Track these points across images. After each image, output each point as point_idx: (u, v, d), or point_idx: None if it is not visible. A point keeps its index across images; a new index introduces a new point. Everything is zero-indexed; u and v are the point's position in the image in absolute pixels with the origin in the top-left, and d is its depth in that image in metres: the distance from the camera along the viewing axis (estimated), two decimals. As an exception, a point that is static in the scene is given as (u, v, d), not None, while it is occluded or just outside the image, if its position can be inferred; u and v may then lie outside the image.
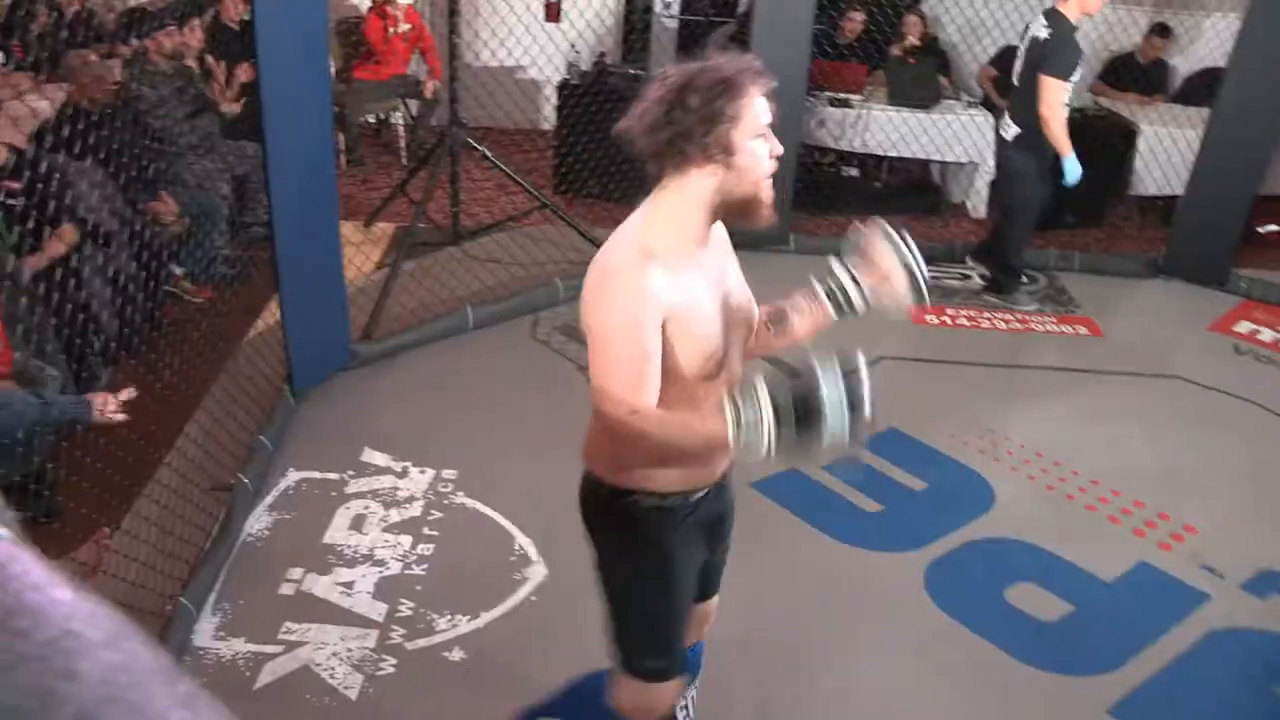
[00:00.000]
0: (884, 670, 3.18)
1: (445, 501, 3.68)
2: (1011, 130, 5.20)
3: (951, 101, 6.58)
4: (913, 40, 7.00)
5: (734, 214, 1.97)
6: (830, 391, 1.71)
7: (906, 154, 6.45)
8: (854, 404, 1.72)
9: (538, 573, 3.40)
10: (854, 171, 6.69)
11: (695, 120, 1.84)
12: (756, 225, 1.98)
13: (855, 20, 6.93)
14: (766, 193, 1.94)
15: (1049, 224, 6.45)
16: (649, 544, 2.13)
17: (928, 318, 5.37)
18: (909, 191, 6.82)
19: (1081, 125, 6.46)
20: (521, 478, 3.83)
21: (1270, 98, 5.63)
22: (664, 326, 1.88)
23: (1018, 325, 5.45)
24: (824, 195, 6.34)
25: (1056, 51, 4.94)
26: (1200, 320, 5.72)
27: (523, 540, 3.53)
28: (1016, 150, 5.22)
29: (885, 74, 6.64)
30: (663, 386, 1.90)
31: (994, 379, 4.92)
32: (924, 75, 6.57)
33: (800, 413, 1.74)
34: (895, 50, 6.91)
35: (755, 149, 1.89)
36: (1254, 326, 5.73)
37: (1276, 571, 3.78)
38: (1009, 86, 5.44)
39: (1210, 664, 3.35)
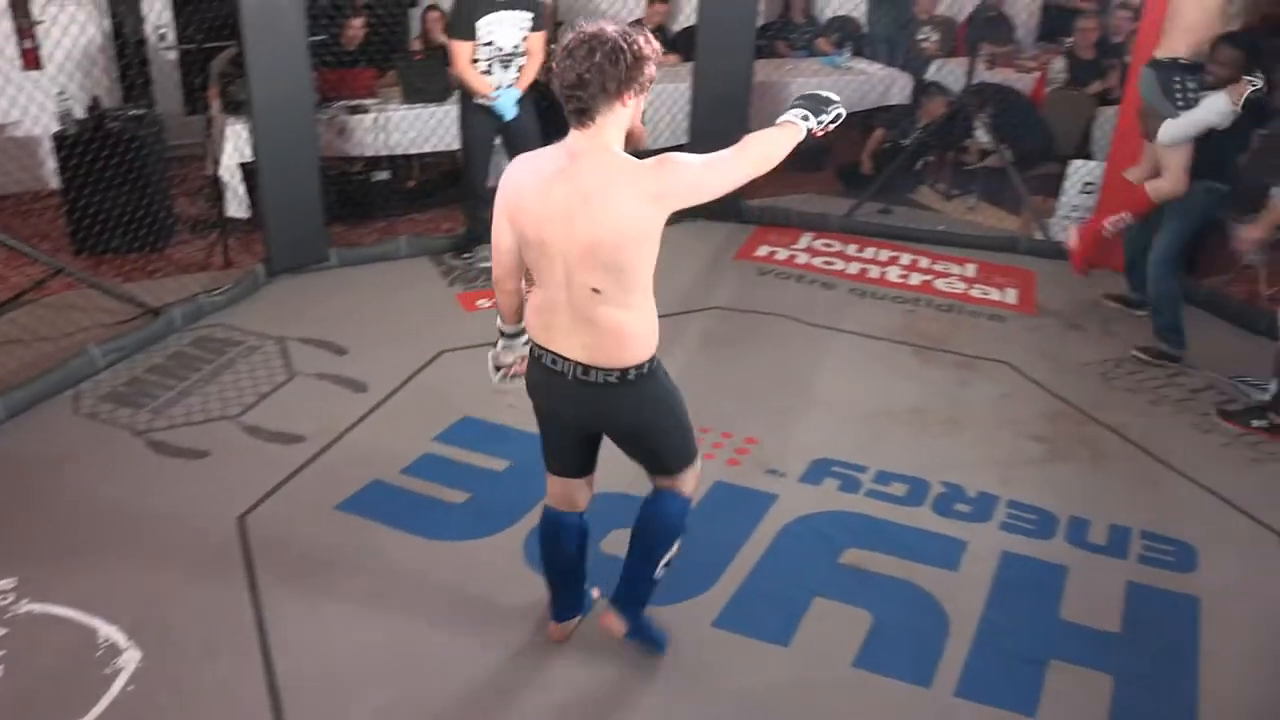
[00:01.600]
0: (496, 659, 3.24)
1: (8, 615, 3.33)
2: None
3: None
4: (436, 36, 7.12)
5: (628, 138, 2.64)
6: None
7: (430, 149, 6.54)
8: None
9: (131, 659, 3.17)
10: (385, 175, 6.69)
11: (644, 59, 2.53)
12: (639, 146, 2.72)
13: (355, 26, 6.92)
14: None
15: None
16: (666, 373, 2.90)
17: (479, 303, 5.51)
18: (443, 184, 6.92)
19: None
20: (93, 564, 3.55)
21: (738, 47, 6.25)
22: None
23: (567, 292, 5.70)
24: (359, 204, 6.32)
25: (451, 17, 5.54)
26: (727, 252, 6.29)
27: (107, 630, 3.27)
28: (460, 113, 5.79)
29: (396, 74, 6.68)
30: None
31: (555, 346, 5.10)
32: (433, 70, 6.67)
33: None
34: (419, 45, 7.01)
35: None
36: (770, 248, 6.38)
37: (823, 459, 4.26)
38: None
39: (787, 554, 3.73)
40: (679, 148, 6.88)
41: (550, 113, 6.22)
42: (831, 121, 2.85)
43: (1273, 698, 3.26)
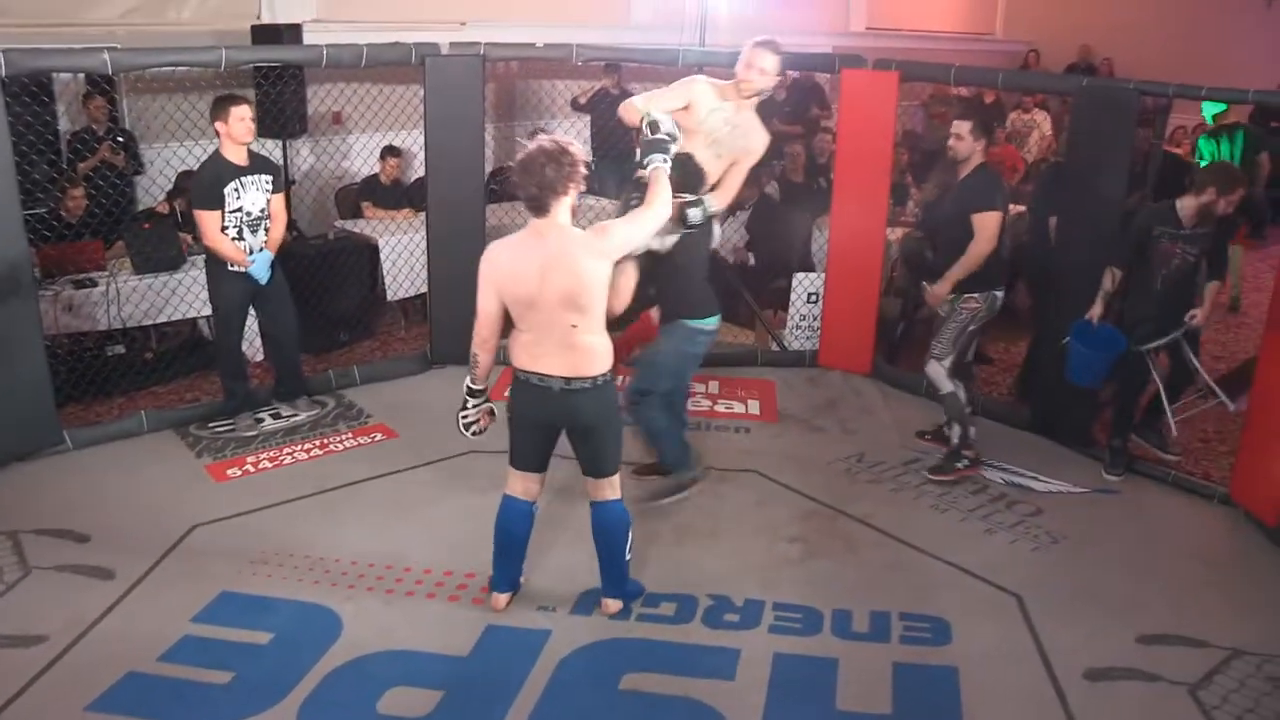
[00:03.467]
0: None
1: None
2: None
3: (198, 256, 6.57)
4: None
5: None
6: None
7: (166, 318, 6.35)
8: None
9: None
10: (120, 349, 6.42)
11: (578, 162, 3.62)
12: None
13: (76, 197, 6.68)
14: None
15: (323, 348, 6.78)
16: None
17: (229, 472, 5.32)
18: (183, 353, 6.70)
19: (326, 250, 6.90)
20: None
21: (468, 195, 6.39)
22: None
23: (319, 451, 5.58)
24: (94, 381, 6.04)
25: (195, 186, 5.50)
26: (481, 392, 6.30)
27: None
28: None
29: (125, 244, 6.48)
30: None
31: (311, 509, 4.99)
32: (163, 238, 6.51)
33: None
34: (163, 208, 6.84)
35: None
36: (524, 384, 6.44)
37: (592, 588, 4.29)
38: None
39: (568, 688, 3.75)
40: (420, 297, 7.13)
41: (299, 270, 6.20)
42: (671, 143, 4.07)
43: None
